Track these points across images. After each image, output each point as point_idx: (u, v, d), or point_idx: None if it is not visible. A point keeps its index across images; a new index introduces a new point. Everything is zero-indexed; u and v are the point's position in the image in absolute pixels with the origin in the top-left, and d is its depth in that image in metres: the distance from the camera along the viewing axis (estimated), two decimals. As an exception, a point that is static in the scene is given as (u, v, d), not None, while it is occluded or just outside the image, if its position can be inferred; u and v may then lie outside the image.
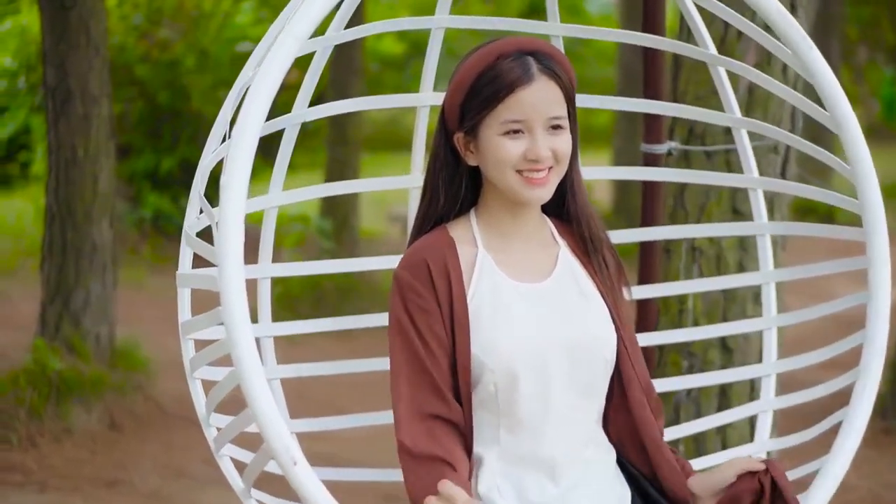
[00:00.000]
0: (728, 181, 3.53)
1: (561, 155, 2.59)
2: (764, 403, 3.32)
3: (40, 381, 6.31)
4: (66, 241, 6.76)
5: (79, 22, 6.62)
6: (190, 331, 2.77)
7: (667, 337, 3.61)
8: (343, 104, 3.14)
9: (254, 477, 2.57)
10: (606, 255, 2.74)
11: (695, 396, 4.15)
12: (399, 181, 3.28)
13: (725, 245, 4.11)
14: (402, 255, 2.66)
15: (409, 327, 2.56)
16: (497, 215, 2.68)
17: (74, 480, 5.74)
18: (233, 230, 2.23)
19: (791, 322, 3.40)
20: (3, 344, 7.60)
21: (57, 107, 6.69)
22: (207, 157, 2.81)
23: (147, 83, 11.21)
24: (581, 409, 2.62)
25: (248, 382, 2.18)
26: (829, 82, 2.73)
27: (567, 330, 2.60)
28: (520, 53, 2.58)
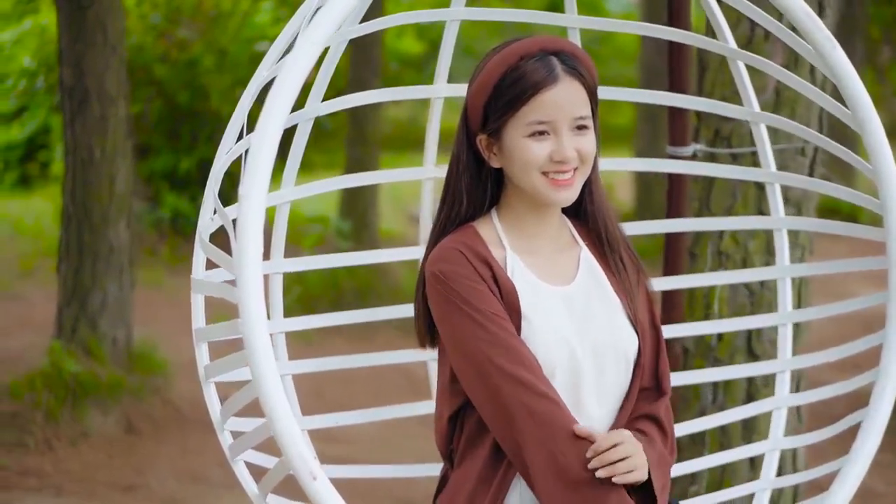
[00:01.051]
0: (745, 175, 3.48)
1: (586, 155, 2.57)
2: (778, 400, 3.31)
3: (57, 384, 6.27)
4: (83, 243, 6.71)
5: (96, 21, 6.57)
6: (205, 339, 2.75)
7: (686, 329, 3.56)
8: (356, 97, 3.10)
9: (271, 487, 2.53)
10: (623, 255, 2.71)
11: (720, 403, 4.10)
12: (411, 173, 3.28)
13: (752, 249, 4.06)
14: (429, 257, 2.59)
15: (471, 310, 2.50)
16: (521, 217, 2.64)
17: (91, 484, 5.70)
18: (252, 242, 2.21)
19: (806, 318, 3.43)
20: (20, 346, 7.57)
21: (74, 107, 6.63)
22: (221, 158, 2.78)
23: (165, 83, 11.16)
24: (609, 413, 2.60)
25: (267, 396, 2.16)
26: (852, 82, 2.72)
27: (594, 334, 2.58)
28: (543, 53, 2.55)
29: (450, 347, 2.54)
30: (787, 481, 3.31)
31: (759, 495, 3.21)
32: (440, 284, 2.52)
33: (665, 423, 2.67)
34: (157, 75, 11.26)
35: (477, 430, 2.57)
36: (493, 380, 2.46)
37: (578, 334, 2.56)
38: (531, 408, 2.45)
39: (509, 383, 2.45)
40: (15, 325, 8.50)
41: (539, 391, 2.46)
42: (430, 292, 2.56)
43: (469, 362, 2.49)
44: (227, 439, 2.73)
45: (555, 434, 2.44)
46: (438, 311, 2.54)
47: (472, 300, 2.50)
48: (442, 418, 2.64)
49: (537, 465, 2.44)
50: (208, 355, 2.79)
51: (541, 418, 2.45)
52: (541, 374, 2.48)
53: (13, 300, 9.50)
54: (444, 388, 2.62)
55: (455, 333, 2.51)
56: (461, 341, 2.50)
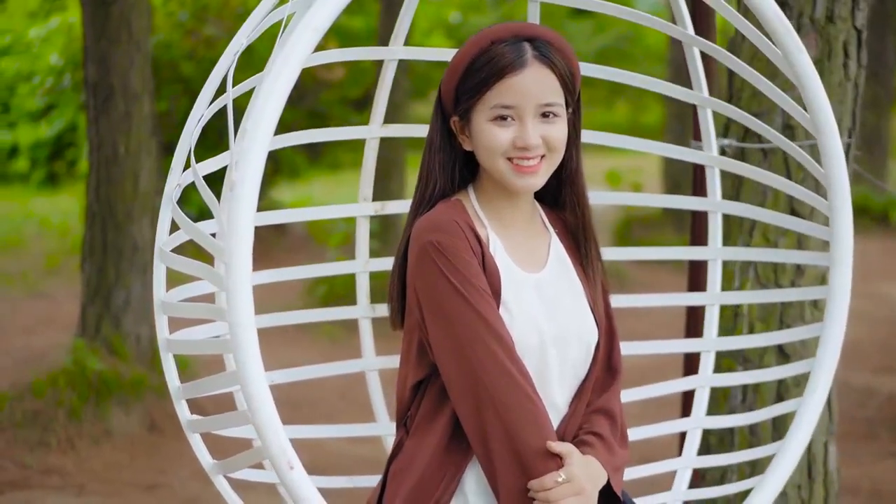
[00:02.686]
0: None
1: (553, 143, 2.57)
2: (702, 379, 3.44)
3: (80, 383, 6.24)
4: (107, 241, 6.68)
5: (120, 18, 6.54)
6: (170, 311, 2.75)
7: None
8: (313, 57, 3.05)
9: (235, 469, 2.61)
10: (591, 245, 2.73)
11: (749, 403, 4.03)
12: (357, 131, 3.35)
13: (782, 247, 3.98)
14: (421, 226, 2.57)
15: (464, 285, 2.49)
16: (495, 200, 2.65)
17: (113, 484, 5.67)
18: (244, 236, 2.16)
19: (739, 301, 3.64)
20: (45, 344, 7.58)
21: (98, 104, 6.61)
22: (192, 124, 2.82)
23: (192, 81, 11.10)
24: (566, 400, 2.64)
25: (250, 386, 2.14)
26: (814, 87, 2.78)
27: (560, 322, 2.60)
28: (516, 39, 2.56)
29: (434, 319, 2.52)
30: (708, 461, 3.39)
31: (681, 472, 3.35)
32: (435, 254, 2.51)
33: (617, 415, 2.71)
34: (184, 73, 11.24)
35: (437, 403, 2.58)
36: (477, 360, 2.46)
37: (548, 322, 2.58)
38: (509, 401, 2.45)
39: (494, 370, 2.46)
40: (40, 324, 8.51)
41: (521, 387, 2.47)
42: (420, 261, 2.53)
43: (453, 338, 2.48)
44: (184, 409, 2.73)
45: (526, 442, 2.46)
46: (428, 281, 2.52)
47: (467, 274, 2.50)
48: (405, 385, 2.64)
49: (502, 460, 2.46)
50: (168, 328, 2.79)
51: (518, 419, 2.46)
52: (520, 361, 2.50)
53: (39, 298, 9.51)
54: (409, 357, 2.62)
55: (443, 307, 2.50)
56: (448, 316, 2.49)
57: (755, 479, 2.86)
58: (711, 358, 3.42)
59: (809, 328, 3.19)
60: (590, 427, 2.64)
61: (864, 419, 6.42)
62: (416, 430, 2.61)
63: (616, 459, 2.62)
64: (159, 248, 2.76)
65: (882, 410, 6.65)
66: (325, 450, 5.82)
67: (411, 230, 2.61)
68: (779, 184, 3.23)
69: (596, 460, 2.56)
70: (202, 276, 2.51)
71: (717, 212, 3.46)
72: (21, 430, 6.03)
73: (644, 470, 3.32)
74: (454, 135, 2.65)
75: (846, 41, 3.94)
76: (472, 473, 2.55)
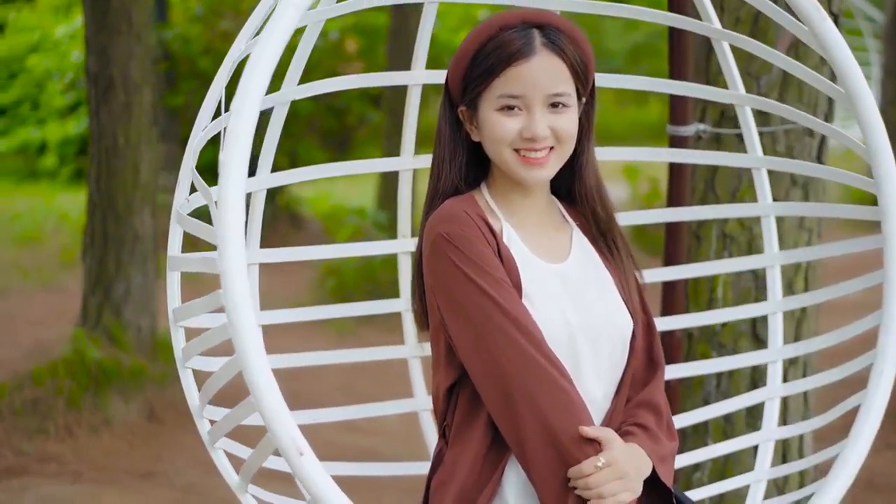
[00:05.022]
0: (730, 161, 3.42)
1: (563, 135, 2.46)
2: (771, 391, 3.21)
3: (79, 372, 6.27)
4: (108, 232, 6.73)
5: (120, 9, 6.58)
6: (183, 317, 2.65)
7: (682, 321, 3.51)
8: (331, 82, 3.01)
9: (253, 471, 2.46)
10: (617, 238, 2.62)
11: (724, 389, 4.01)
12: (389, 163, 3.18)
13: (757, 232, 3.96)
14: (432, 219, 2.48)
15: (479, 275, 2.39)
16: (508, 193, 2.55)
17: (110, 472, 5.69)
18: (234, 206, 2.11)
19: (796, 306, 3.34)
20: (54, 336, 7.62)
21: (99, 94, 6.65)
22: (198, 135, 2.70)
23: (209, 75, 11.14)
24: (606, 396, 2.50)
25: (251, 369, 2.07)
26: (844, 57, 2.59)
27: (590, 314, 2.48)
28: (525, 26, 2.45)
29: (451, 314, 2.41)
30: (781, 471, 3.21)
31: (754, 487, 3.12)
32: (446, 246, 2.41)
33: (662, 407, 2.58)
34: (201, 67, 11.27)
35: (471, 406, 2.46)
36: (500, 351, 2.35)
37: (576, 313, 2.46)
38: (538, 390, 2.34)
39: (518, 359, 2.35)
40: (52, 316, 8.57)
41: (549, 373, 2.36)
42: (433, 254, 2.44)
43: (472, 331, 2.38)
44: (205, 426, 2.65)
45: (561, 429, 2.34)
46: (441, 274, 2.42)
47: (483, 264, 2.39)
48: (439, 391, 2.53)
49: (537, 452, 2.35)
50: (185, 339, 2.70)
51: (549, 407, 2.35)
52: (548, 350, 2.38)
53: (52, 291, 9.58)
54: (440, 361, 2.51)
55: (460, 299, 2.39)
56: (465, 309, 2.39)
57: (817, 483, 2.67)
58: (779, 368, 3.23)
59: (869, 318, 2.86)
60: (633, 419, 2.51)
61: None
62: (455, 440, 2.49)
63: (661, 449, 2.49)
64: (171, 256, 2.69)
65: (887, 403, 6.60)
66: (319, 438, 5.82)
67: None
68: (831, 174, 3.07)
69: (639, 448, 2.43)
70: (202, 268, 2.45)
71: (769, 216, 3.26)
72: (20, 418, 6.06)
73: (722, 486, 3.25)
74: (462, 125, 2.56)
75: (822, 26, 3.90)
76: (511, 473, 2.43)
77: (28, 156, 16.46)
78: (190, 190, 2.71)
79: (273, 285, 7.41)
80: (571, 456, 2.32)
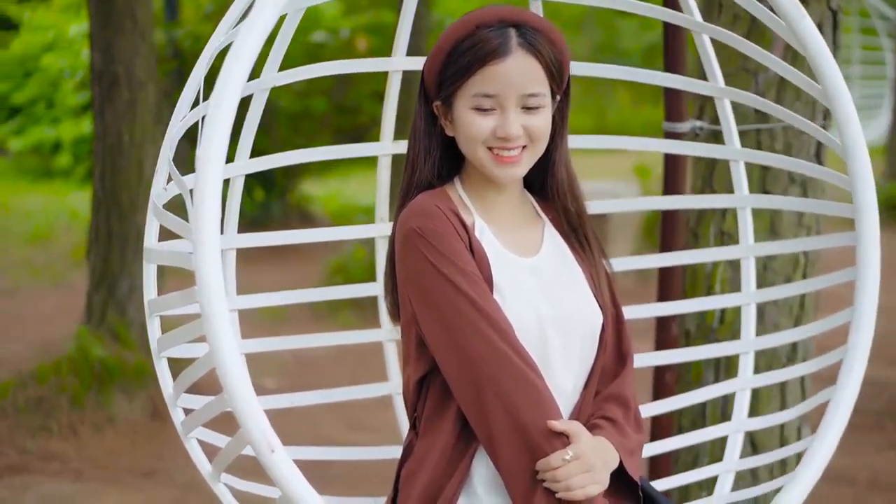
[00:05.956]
0: (711, 152, 3.43)
1: (536, 134, 2.49)
2: (741, 382, 3.24)
3: (83, 369, 6.27)
4: (112, 229, 6.71)
5: (125, 7, 6.57)
6: (159, 309, 2.68)
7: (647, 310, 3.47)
8: (312, 68, 3.00)
9: (226, 464, 2.49)
10: (588, 232, 2.65)
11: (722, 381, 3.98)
12: (369, 148, 3.18)
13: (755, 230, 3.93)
14: (404, 214, 2.50)
15: (450, 269, 2.41)
16: (481, 188, 2.58)
17: (111, 470, 5.69)
18: (210, 201, 2.11)
19: (770, 298, 3.35)
20: (60, 334, 7.61)
21: (103, 92, 6.64)
22: (176, 125, 2.71)
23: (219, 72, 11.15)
24: (576, 389, 2.54)
25: (224, 367, 2.07)
26: (822, 54, 2.61)
27: (561, 307, 2.51)
28: (502, 24, 2.46)
29: (423, 308, 2.44)
30: (750, 463, 3.21)
31: (723, 477, 3.14)
32: (418, 240, 2.43)
33: (630, 400, 2.62)
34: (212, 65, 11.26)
35: (441, 398, 2.49)
36: (470, 345, 2.38)
37: (546, 306, 2.49)
38: (508, 383, 2.37)
39: (489, 353, 2.38)
40: (60, 314, 8.58)
41: (519, 368, 2.39)
42: (405, 248, 2.46)
43: (443, 326, 2.41)
44: (179, 416, 2.68)
45: (530, 423, 2.38)
46: (413, 268, 2.45)
47: (454, 259, 2.42)
48: (409, 384, 2.56)
49: (506, 445, 2.38)
50: (160, 329, 2.73)
51: (518, 401, 2.38)
52: (519, 344, 2.41)
53: (62, 289, 9.60)
54: (410, 354, 2.55)
55: (431, 293, 2.42)
56: (436, 303, 2.41)
57: (786, 476, 2.71)
58: (750, 359, 3.25)
59: (841, 314, 2.89)
60: (601, 413, 2.55)
61: (873, 411, 6.35)
62: (425, 431, 2.52)
63: (629, 442, 2.53)
64: (147, 248, 2.71)
65: (892, 402, 6.58)
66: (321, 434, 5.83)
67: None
68: (807, 168, 3.08)
69: (607, 441, 2.47)
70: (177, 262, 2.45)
71: (746, 207, 3.30)
72: (23, 416, 6.06)
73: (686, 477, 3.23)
74: (438, 119, 2.58)
75: (820, 22, 3.88)
76: (480, 465, 2.47)
77: (43, 155, 16.47)
78: (167, 179, 2.73)
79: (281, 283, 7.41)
80: (540, 449, 2.35)
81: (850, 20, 15.65)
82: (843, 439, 2.69)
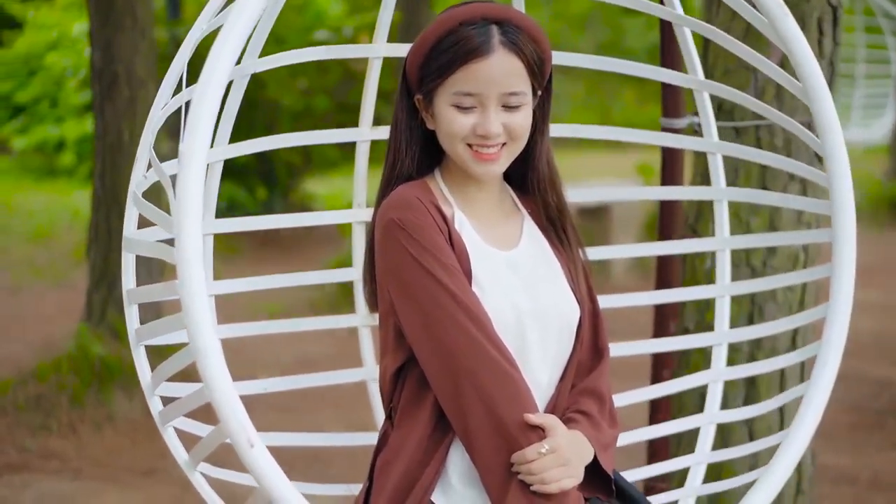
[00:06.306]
0: (690, 145, 3.44)
1: (516, 132, 2.52)
2: (714, 374, 3.28)
3: (83, 368, 6.26)
4: (112, 227, 6.70)
5: (125, 4, 6.56)
6: (138, 300, 2.70)
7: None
8: (293, 54, 3.00)
9: (204, 455, 2.51)
10: (567, 226, 2.68)
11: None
12: (347, 133, 3.22)
13: (755, 227, 3.92)
14: (385, 204, 2.52)
15: (430, 261, 2.43)
16: (460, 181, 2.61)
17: (111, 468, 5.67)
18: (193, 199, 2.10)
19: (744, 291, 3.40)
20: (58, 331, 7.62)
21: (103, 90, 6.63)
22: (157, 113, 2.75)
23: (222, 73, 11.14)
24: (552, 382, 2.58)
25: (204, 360, 2.06)
26: (803, 53, 2.63)
27: (539, 300, 2.53)
28: (485, 22, 2.48)
29: (402, 299, 2.46)
30: (721, 455, 3.23)
31: (694, 469, 3.19)
32: (398, 232, 2.45)
33: (605, 395, 2.65)
34: (188, 57, 11.25)
35: (418, 389, 2.51)
36: (448, 337, 2.40)
37: (524, 299, 2.52)
38: (485, 376, 2.39)
39: (467, 346, 2.40)
40: (61, 312, 8.56)
41: (497, 361, 2.41)
42: (385, 240, 2.48)
43: (422, 316, 2.43)
44: (156, 405, 2.69)
45: (506, 416, 2.40)
46: (393, 259, 2.47)
47: (434, 251, 2.44)
48: (386, 374, 2.58)
49: (482, 437, 2.40)
50: (138, 318, 2.75)
51: (496, 394, 2.40)
52: (497, 337, 2.43)
53: (63, 288, 9.58)
54: (388, 344, 2.57)
55: (410, 284, 2.44)
56: (415, 295, 2.43)
57: (759, 470, 2.76)
58: (724, 351, 3.30)
59: (816, 310, 2.97)
60: (577, 406, 2.58)
61: (875, 410, 6.33)
62: (401, 422, 2.54)
63: (603, 437, 2.57)
64: (126, 237, 2.72)
65: (893, 402, 6.56)
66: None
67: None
68: (782, 163, 3.11)
69: (582, 435, 2.50)
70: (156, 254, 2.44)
71: (722, 200, 3.33)
72: (23, 414, 6.06)
73: (659, 468, 3.28)
74: (419, 112, 2.60)
75: (820, 17, 3.87)
76: (456, 455, 2.49)
77: (46, 153, 16.46)
78: (147, 167, 2.75)
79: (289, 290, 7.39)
80: (515, 442, 2.38)
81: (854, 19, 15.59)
82: (844, 439, 2.68)
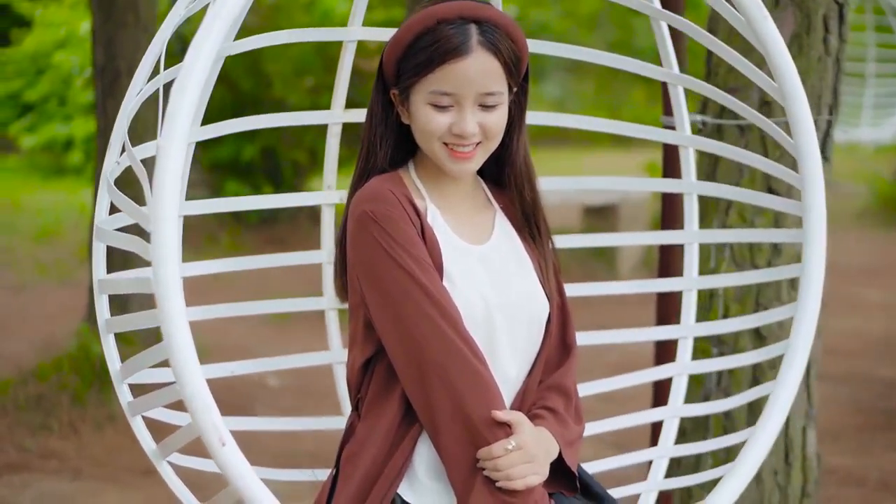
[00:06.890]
0: (662, 137, 3.44)
1: (491, 132, 2.52)
2: (679, 367, 3.30)
3: (84, 367, 6.24)
4: (113, 226, 6.65)
5: (127, 2, 6.54)
6: (108, 290, 2.73)
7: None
8: (268, 37, 2.97)
9: (173, 449, 2.54)
10: (540, 222, 2.68)
11: (725, 386, 3.93)
12: (319, 116, 3.24)
13: (758, 226, 3.88)
14: (357, 197, 2.52)
15: (402, 254, 2.43)
16: (434, 175, 2.61)
17: (110, 468, 5.65)
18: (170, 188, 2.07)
19: (716, 285, 3.45)
20: (61, 330, 7.60)
21: (105, 87, 6.61)
22: (132, 99, 2.72)
23: (228, 70, 11.11)
24: (520, 376, 2.58)
25: (179, 361, 2.02)
26: (780, 54, 2.65)
27: (508, 295, 2.54)
28: (463, 21, 2.47)
29: (372, 291, 2.46)
30: (683, 450, 3.27)
31: (657, 463, 3.22)
32: (371, 224, 2.45)
33: (572, 391, 2.66)
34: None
35: (386, 381, 2.52)
36: (418, 330, 2.41)
37: (494, 293, 2.52)
38: (454, 371, 2.40)
39: (437, 341, 2.40)
40: (64, 312, 8.56)
41: (466, 357, 2.41)
42: (357, 231, 2.48)
43: (392, 311, 2.43)
44: (125, 395, 2.70)
45: (474, 411, 2.41)
46: (364, 251, 2.47)
47: (406, 245, 2.44)
48: (354, 365, 2.58)
49: (449, 432, 2.41)
50: (108, 307, 2.78)
51: (464, 389, 2.40)
52: (466, 332, 2.44)
53: (67, 287, 9.58)
54: (357, 336, 2.57)
55: (381, 277, 2.44)
56: (386, 288, 2.44)
57: (727, 465, 2.75)
58: (689, 345, 3.33)
59: (784, 309, 3.07)
60: (542, 402, 2.59)
61: (884, 411, 6.30)
62: (367, 413, 2.55)
63: (569, 433, 2.58)
64: (97, 226, 2.70)
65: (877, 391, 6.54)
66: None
67: None
68: (753, 161, 3.14)
69: (548, 432, 2.52)
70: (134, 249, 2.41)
71: (692, 193, 3.36)
72: (24, 414, 6.05)
73: (621, 460, 3.25)
74: (394, 107, 2.60)
75: (826, 15, 3.84)
76: (423, 448, 2.49)
77: (55, 152, 16.48)
78: (121, 152, 2.73)
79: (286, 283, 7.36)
80: (482, 437, 2.38)
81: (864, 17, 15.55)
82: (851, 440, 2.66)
